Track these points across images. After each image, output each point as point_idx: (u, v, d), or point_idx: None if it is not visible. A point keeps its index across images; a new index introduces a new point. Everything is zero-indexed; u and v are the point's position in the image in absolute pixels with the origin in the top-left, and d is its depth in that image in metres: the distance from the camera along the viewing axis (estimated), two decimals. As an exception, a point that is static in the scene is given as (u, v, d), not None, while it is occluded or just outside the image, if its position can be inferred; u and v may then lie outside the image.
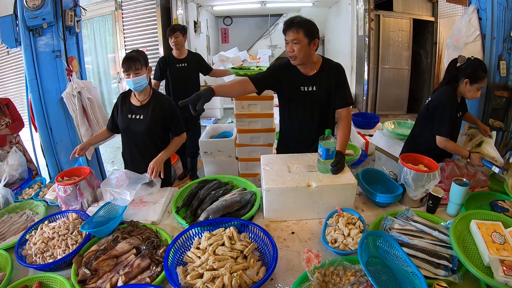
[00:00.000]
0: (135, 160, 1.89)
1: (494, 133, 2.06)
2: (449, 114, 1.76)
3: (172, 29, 2.92)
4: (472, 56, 1.78)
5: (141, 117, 1.78)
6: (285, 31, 1.54)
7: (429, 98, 1.89)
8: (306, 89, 1.66)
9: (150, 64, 1.76)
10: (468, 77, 1.70)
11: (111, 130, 1.91)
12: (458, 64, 1.77)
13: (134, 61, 1.65)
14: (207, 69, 3.23)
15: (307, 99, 1.68)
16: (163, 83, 3.22)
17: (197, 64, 3.14)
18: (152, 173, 1.63)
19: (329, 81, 1.64)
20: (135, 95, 1.81)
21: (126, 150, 1.93)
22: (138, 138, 1.83)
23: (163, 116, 1.79)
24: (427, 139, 1.88)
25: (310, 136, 1.76)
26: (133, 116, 1.80)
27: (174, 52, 3.04)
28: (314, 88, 1.66)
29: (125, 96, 1.85)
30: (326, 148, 1.34)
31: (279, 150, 1.95)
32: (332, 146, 1.35)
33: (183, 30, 2.98)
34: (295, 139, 1.82)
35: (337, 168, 1.40)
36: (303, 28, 1.49)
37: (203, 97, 1.35)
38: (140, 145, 1.84)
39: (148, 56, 1.79)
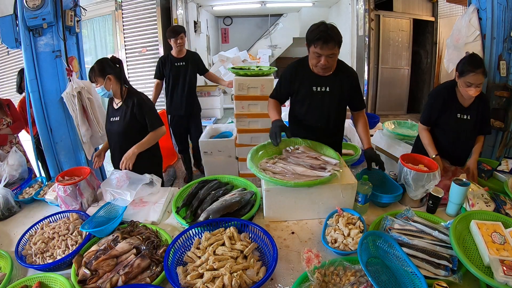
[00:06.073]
0: (118, 161, 1.89)
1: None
2: (430, 103, 1.79)
3: (175, 31, 2.95)
4: (473, 52, 1.79)
5: (118, 119, 1.86)
6: (319, 44, 1.44)
7: None
8: (319, 90, 1.65)
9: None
10: (457, 70, 1.68)
11: None
12: None
13: (91, 74, 1.78)
14: (203, 70, 3.29)
15: (319, 100, 1.67)
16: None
17: (195, 63, 3.18)
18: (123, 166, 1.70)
19: (343, 83, 1.65)
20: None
21: (111, 151, 2.01)
22: (117, 139, 1.90)
23: (133, 114, 1.83)
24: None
25: (322, 136, 1.72)
26: (112, 119, 1.89)
27: (174, 52, 3.07)
28: (328, 89, 1.65)
29: (111, 98, 1.93)
30: (364, 194, 1.37)
31: None
32: (369, 192, 1.37)
33: (184, 31, 3.03)
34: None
35: (370, 164, 1.59)
36: (338, 42, 1.48)
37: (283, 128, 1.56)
38: (121, 145, 1.89)
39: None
